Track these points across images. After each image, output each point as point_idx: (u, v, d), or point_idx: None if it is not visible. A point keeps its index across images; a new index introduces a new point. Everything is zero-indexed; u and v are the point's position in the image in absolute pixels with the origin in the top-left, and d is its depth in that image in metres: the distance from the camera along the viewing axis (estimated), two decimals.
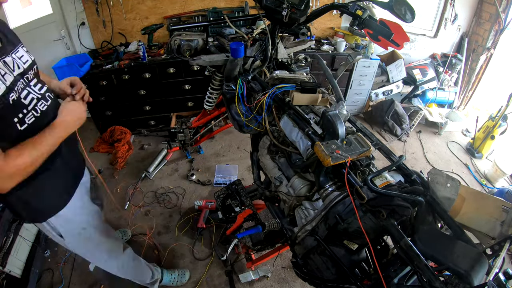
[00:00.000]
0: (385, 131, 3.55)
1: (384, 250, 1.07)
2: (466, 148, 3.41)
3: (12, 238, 1.76)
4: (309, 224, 1.10)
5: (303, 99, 1.26)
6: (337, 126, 1.01)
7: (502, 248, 0.81)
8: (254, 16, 1.70)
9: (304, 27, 1.47)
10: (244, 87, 1.39)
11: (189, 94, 3.13)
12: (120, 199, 2.50)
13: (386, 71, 3.56)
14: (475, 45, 3.60)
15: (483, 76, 3.69)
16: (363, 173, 1.07)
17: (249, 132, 1.60)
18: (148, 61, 2.85)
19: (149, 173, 2.70)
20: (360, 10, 1.20)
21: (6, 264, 1.66)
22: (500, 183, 2.93)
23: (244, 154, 3.01)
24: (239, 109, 1.45)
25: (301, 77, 1.42)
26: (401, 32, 1.20)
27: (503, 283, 0.81)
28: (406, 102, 3.86)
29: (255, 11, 1.56)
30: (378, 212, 0.87)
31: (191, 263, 2.05)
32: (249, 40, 1.63)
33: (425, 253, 0.80)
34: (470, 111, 3.94)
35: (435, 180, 0.94)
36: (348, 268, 1.00)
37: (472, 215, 0.90)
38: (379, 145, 1.15)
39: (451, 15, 3.48)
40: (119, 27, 3.07)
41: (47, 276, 1.96)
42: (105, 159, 2.94)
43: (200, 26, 2.19)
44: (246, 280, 1.91)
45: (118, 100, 2.99)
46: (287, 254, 2.08)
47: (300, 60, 1.61)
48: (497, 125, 3.06)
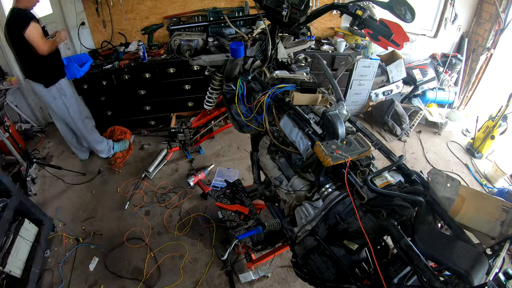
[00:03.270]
0: (385, 131, 3.55)
1: (384, 250, 1.07)
2: (466, 148, 3.41)
3: (12, 238, 1.76)
4: (309, 224, 1.10)
5: (303, 99, 1.27)
6: (337, 126, 1.01)
7: (502, 248, 0.81)
8: (254, 16, 1.70)
9: (304, 27, 1.47)
10: (244, 87, 1.39)
11: (189, 94, 3.13)
12: (120, 199, 2.50)
13: (386, 71, 3.56)
14: (475, 45, 3.60)
15: (483, 76, 3.69)
16: (363, 173, 1.07)
17: (249, 132, 1.60)
18: (148, 61, 2.85)
19: (149, 173, 2.70)
20: (360, 10, 1.20)
21: (6, 264, 1.66)
22: (500, 183, 2.93)
23: (244, 154, 3.01)
24: (239, 109, 1.45)
25: (301, 77, 1.42)
26: (401, 32, 1.20)
27: (503, 283, 0.81)
28: (406, 102, 3.86)
29: (255, 11, 1.56)
30: (378, 212, 0.87)
31: (191, 263, 2.05)
32: (249, 40, 1.63)
33: (425, 253, 0.80)
34: (470, 111, 3.94)
35: (435, 180, 0.94)
36: (348, 268, 1.01)
37: (472, 215, 0.90)
38: (379, 145, 1.15)
39: (451, 15, 3.48)
40: (119, 27, 3.07)
41: (47, 276, 1.96)
42: (105, 159, 2.94)
43: (200, 26, 2.20)
44: (246, 280, 1.91)
45: (118, 100, 2.98)
46: (287, 254, 2.08)
47: (300, 60, 1.61)
48: (497, 125, 3.06)
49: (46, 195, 2.55)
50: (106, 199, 2.52)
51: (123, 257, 2.08)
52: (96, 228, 2.27)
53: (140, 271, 2.01)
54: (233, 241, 1.60)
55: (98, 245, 2.14)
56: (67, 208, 2.43)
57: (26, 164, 2.57)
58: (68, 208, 2.43)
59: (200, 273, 2.00)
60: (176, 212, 2.41)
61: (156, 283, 1.94)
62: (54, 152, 3.04)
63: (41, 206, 2.30)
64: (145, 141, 3.18)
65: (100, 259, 2.06)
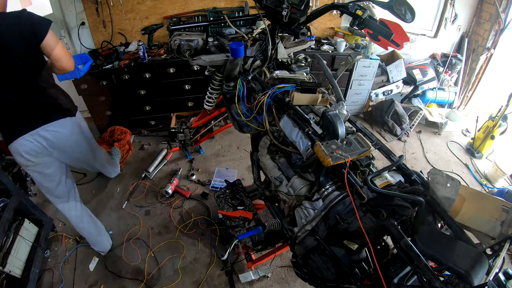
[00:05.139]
0: (385, 131, 3.55)
1: (384, 250, 1.07)
2: (466, 148, 3.41)
3: (12, 238, 1.76)
4: (309, 224, 1.10)
5: (303, 99, 1.26)
6: (337, 126, 1.01)
7: (502, 248, 0.81)
8: (254, 16, 1.70)
9: (304, 27, 1.47)
10: (244, 87, 1.39)
11: (189, 94, 3.13)
12: (120, 199, 2.50)
13: (386, 71, 3.56)
14: (475, 45, 3.60)
15: (483, 76, 3.69)
16: (363, 173, 1.07)
17: (249, 132, 1.60)
18: (148, 61, 2.84)
19: (149, 173, 2.70)
20: (360, 10, 1.20)
21: (6, 264, 1.65)
22: (500, 183, 2.93)
23: (244, 154, 3.01)
24: (239, 109, 1.45)
25: (301, 77, 1.42)
26: (401, 32, 1.20)
27: (503, 283, 0.81)
28: (406, 102, 3.86)
29: (255, 11, 1.56)
30: (378, 212, 0.87)
31: (190, 263, 2.05)
32: (249, 40, 1.63)
33: (425, 253, 0.80)
34: (470, 111, 3.94)
35: (435, 180, 0.94)
36: (348, 268, 1.01)
37: (472, 215, 0.90)
38: (379, 145, 1.15)
39: (451, 15, 3.48)
40: (119, 27, 3.07)
41: (47, 276, 1.96)
42: None
43: (200, 26, 2.19)
44: (246, 280, 1.91)
45: (118, 100, 2.98)
46: (287, 254, 2.08)
47: (300, 60, 1.61)
48: (497, 125, 3.06)
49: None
50: (106, 199, 2.52)
51: (123, 257, 2.08)
52: None
53: (140, 271, 2.01)
54: (233, 241, 1.60)
55: None
56: None
57: None
58: None
59: (200, 273, 2.00)
60: (177, 212, 2.41)
61: (156, 283, 1.94)
62: None
63: (41, 206, 2.29)
64: (145, 141, 3.18)
65: (100, 259, 2.06)
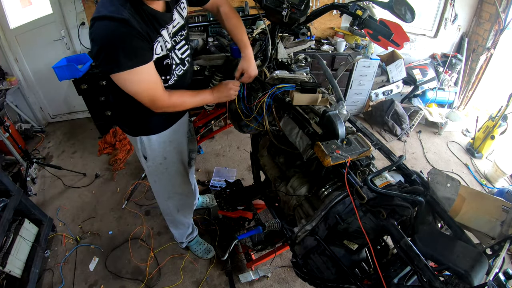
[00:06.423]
0: (385, 131, 3.55)
1: (384, 250, 1.07)
2: (466, 148, 3.41)
3: (12, 238, 1.76)
4: (309, 224, 1.09)
5: (303, 99, 1.26)
6: (337, 126, 1.01)
7: (502, 248, 0.81)
8: (254, 16, 1.70)
9: (304, 27, 1.46)
10: (244, 87, 1.39)
11: None
12: (120, 199, 2.50)
13: (386, 71, 3.56)
14: (475, 45, 3.60)
15: (483, 76, 3.69)
16: (363, 173, 1.07)
17: (249, 132, 1.60)
18: None
19: None
20: (360, 10, 1.20)
21: (6, 264, 1.66)
22: (500, 183, 2.93)
23: (244, 154, 3.01)
24: (239, 109, 1.45)
25: (301, 77, 1.42)
26: (401, 32, 1.20)
27: (503, 283, 0.81)
28: (406, 102, 3.86)
29: (255, 11, 1.56)
30: (378, 212, 0.87)
31: (191, 263, 2.05)
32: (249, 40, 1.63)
33: (425, 253, 0.79)
34: (470, 111, 3.94)
35: (435, 180, 0.94)
36: (348, 268, 1.00)
37: (472, 215, 0.90)
38: (379, 145, 1.15)
39: (451, 15, 3.48)
40: None
41: (47, 276, 1.96)
42: (105, 159, 2.94)
43: (200, 26, 2.19)
44: (246, 280, 1.91)
45: None
46: (287, 254, 2.08)
47: (300, 60, 1.61)
48: (497, 125, 3.06)
49: (46, 195, 2.55)
50: (106, 199, 2.52)
51: (123, 257, 2.08)
52: (96, 228, 2.27)
53: (140, 271, 2.01)
54: (233, 241, 1.60)
55: (98, 245, 2.14)
56: (67, 208, 2.44)
57: (26, 164, 2.57)
58: (68, 208, 2.43)
59: (200, 273, 2.00)
60: None
61: (156, 283, 1.94)
62: (54, 152, 3.04)
63: (41, 206, 2.30)
64: None
65: (100, 259, 2.06)
